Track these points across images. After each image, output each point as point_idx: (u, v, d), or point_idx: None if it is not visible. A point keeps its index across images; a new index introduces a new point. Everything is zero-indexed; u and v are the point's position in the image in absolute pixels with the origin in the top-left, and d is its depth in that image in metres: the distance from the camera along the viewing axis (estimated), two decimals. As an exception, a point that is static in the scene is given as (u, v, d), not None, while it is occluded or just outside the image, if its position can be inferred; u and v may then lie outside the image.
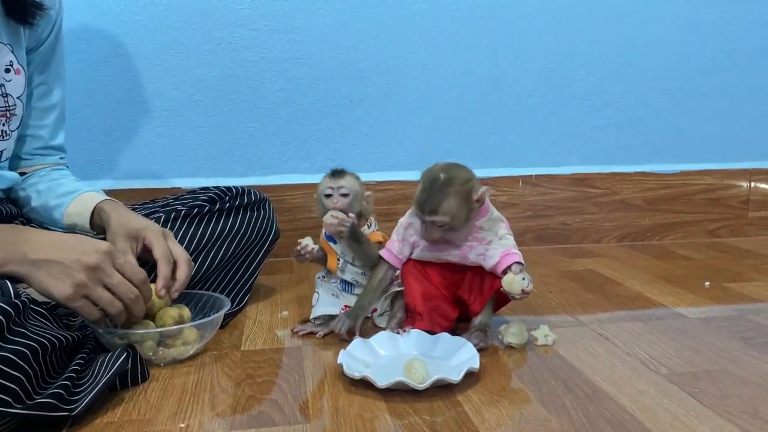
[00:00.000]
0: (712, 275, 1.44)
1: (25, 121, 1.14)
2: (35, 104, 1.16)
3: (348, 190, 1.07)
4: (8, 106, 1.07)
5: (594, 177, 1.79)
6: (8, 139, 1.09)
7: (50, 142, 1.19)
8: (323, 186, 1.08)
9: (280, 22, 1.59)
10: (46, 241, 0.86)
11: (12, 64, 1.06)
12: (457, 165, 0.97)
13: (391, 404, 0.82)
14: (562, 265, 1.56)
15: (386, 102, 1.67)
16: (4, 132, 1.07)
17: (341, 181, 1.07)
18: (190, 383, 0.90)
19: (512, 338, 1.01)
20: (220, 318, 1.01)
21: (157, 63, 1.55)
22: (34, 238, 0.86)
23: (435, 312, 1.03)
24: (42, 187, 1.14)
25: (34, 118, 1.16)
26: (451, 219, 0.95)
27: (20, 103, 1.09)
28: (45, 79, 1.16)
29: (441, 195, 0.93)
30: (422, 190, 0.95)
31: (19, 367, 0.72)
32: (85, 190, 1.11)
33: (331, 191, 1.07)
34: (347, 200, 1.07)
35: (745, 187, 1.86)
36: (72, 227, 1.09)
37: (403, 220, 1.06)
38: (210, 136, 1.61)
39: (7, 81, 1.06)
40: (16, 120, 1.09)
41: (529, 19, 1.69)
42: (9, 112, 1.07)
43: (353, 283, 1.12)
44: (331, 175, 1.09)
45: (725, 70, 1.81)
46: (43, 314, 0.83)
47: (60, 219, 1.09)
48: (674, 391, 0.84)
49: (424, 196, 0.94)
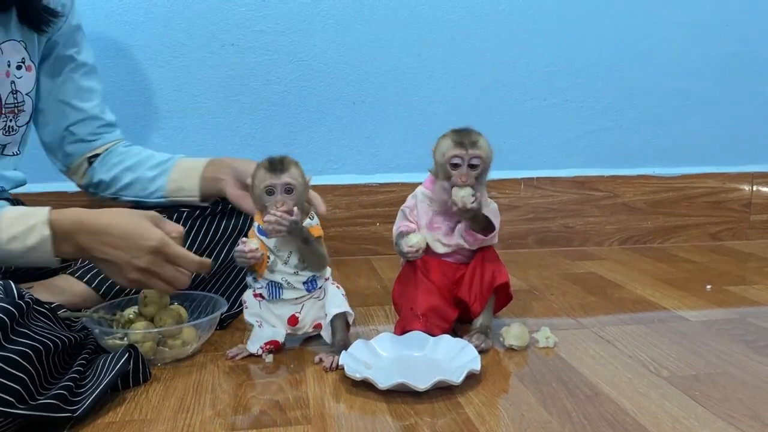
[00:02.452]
0: (714, 278, 1.44)
1: (75, 104, 1.18)
2: (80, 84, 1.18)
3: (293, 185, 0.93)
4: (17, 102, 1.08)
5: (596, 180, 1.79)
6: (14, 134, 1.10)
7: (105, 119, 1.23)
8: (261, 181, 0.93)
9: (283, 24, 1.59)
10: (98, 237, 0.90)
11: (24, 60, 1.07)
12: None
13: (393, 405, 0.82)
14: (563, 268, 1.56)
15: (388, 104, 1.67)
16: (11, 128, 1.08)
17: (285, 176, 0.93)
18: (192, 384, 0.90)
19: (513, 340, 1.01)
20: (216, 318, 1.01)
21: (160, 65, 1.56)
22: (88, 230, 0.90)
23: (434, 314, 1.02)
24: (130, 162, 1.20)
25: (83, 99, 1.19)
26: (486, 156, 0.99)
27: (29, 100, 1.10)
28: (81, 61, 1.18)
29: (475, 135, 1.00)
30: (456, 134, 1.00)
31: (23, 368, 0.72)
32: (178, 156, 1.21)
33: (272, 188, 0.93)
34: (293, 197, 0.93)
35: (747, 191, 1.86)
36: (178, 192, 1.16)
37: (407, 204, 1.08)
38: (213, 137, 1.61)
39: (18, 78, 1.07)
40: (24, 116, 1.10)
41: (530, 22, 1.69)
42: (17, 108, 1.08)
43: (282, 284, 0.97)
44: (271, 168, 0.93)
45: (727, 73, 1.81)
46: (45, 314, 0.83)
47: (164, 186, 1.17)
48: (675, 394, 0.85)
49: (460, 135, 0.99)
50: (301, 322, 1.00)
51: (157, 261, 0.91)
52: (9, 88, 1.05)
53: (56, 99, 1.17)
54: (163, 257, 0.91)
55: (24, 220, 0.88)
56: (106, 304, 1.02)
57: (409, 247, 1.00)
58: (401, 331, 1.01)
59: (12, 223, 0.88)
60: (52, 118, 1.18)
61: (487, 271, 1.03)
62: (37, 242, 0.88)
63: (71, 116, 1.18)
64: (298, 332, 1.01)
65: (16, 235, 0.87)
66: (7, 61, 1.04)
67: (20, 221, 0.88)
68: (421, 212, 1.06)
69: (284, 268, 0.97)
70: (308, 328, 1.01)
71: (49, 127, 1.19)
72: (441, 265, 1.05)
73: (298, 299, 0.99)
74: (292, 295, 0.99)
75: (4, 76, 1.04)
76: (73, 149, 1.21)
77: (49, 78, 1.16)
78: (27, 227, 0.88)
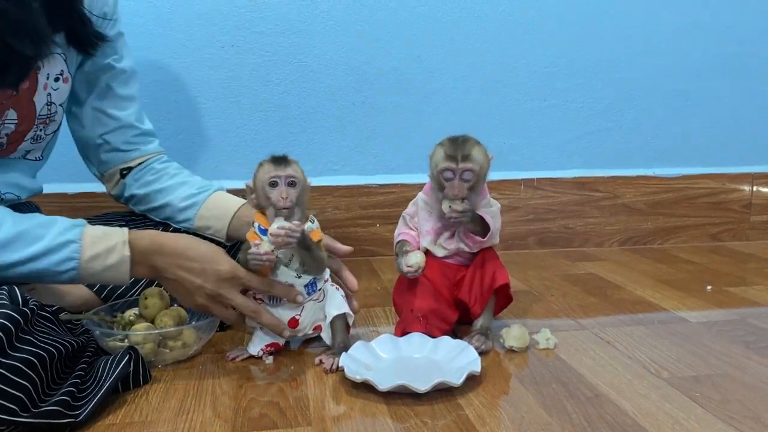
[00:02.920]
0: (714, 279, 1.44)
1: (112, 113, 1.16)
2: (118, 93, 1.16)
3: (296, 179, 0.94)
4: (50, 113, 1.06)
5: (596, 180, 1.79)
6: (41, 142, 1.09)
7: (142, 128, 1.20)
8: (265, 174, 0.93)
9: (283, 25, 1.59)
10: (173, 260, 0.92)
11: (62, 72, 1.06)
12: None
13: (393, 407, 0.82)
14: (563, 269, 1.56)
15: (388, 105, 1.67)
16: (39, 137, 1.07)
17: (288, 169, 0.94)
18: (192, 386, 0.90)
19: (514, 342, 1.01)
20: (217, 320, 1.01)
21: (160, 66, 1.56)
22: (166, 252, 0.92)
23: (434, 315, 1.03)
24: (163, 185, 1.18)
25: (120, 108, 1.17)
26: (479, 169, 0.99)
27: (61, 110, 1.09)
28: (120, 69, 1.16)
29: (469, 145, 0.99)
30: (449, 145, 1.00)
31: (26, 376, 0.72)
32: (213, 189, 1.17)
33: (276, 179, 0.93)
34: (295, 191, 0.94)
35: (747, 191, 1.86)
36: (204, 229, 1.13)
37: (408, 211, 1.09)
38: (213, 138, 1.61)
39: (54, 90, 1.05)
40: (53, 125, 1.09)
41: (530, 23, 1.70)
42: (49, 118, 1.07)
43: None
44: (275, 163, 0.94)
45: (727, 73, 1.81)
46: (49, 318, 0.84)
47: (192, 219, 1.14)
48: (675, 396, 0.85)
49: (454, 147, 0.99)
50: (301, 325, 0.99)
51: (227, 287, 0.93)
52: (45, 100, 1.03)
53: (92, 106, 1.15)
54: (236, 283, 0.94)
55: (106, 241, 0.89)
56: (106, 306, 1.03)
57: (408, 267, 1.00)
58: (401, 333, 1.02)
59: (94, 242, 0.88)
60: (88, 124, 1.16)
61: (487, 273, 1.03)
62: (116, 262, 0.89)
63: (107, 124, 1.16)
64: (298, 334, 1.01)
65: (98, 254, 0.88)
66: (47, 73, 1.03)
67: (102, 241, 0.89)
68: (422, 219, 1.06)
69: (287, 271, 0.96)
70: (308, 330, 1.01)
71: (84, 133, 1.17)
72: (442, 267, 1.05)
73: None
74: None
75: (42, 89, 1.03)
76: (107, 158, 1.19)
77: (85, 84, 1.13)
78: (108, 247, 0.89)
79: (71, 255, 0.87)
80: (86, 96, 1.14)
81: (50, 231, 0.87)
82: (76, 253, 0.87)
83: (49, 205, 1.27)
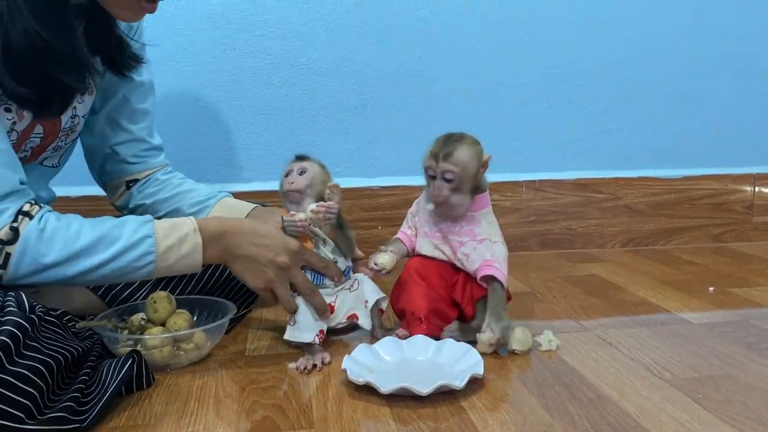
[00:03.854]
0: (717, 280, 1.44)
1: (125, 125, 1.16)
2: (134, 106, 1.17)
3: (307, 171, 1.02)
4: (73, 125, 1.06)
5: (598, 182, 1.79)
6: (60, 151, 1.09)
7: (152, 142, 1.21)
8: (285, 169, 1.04)
9: (285, 28, 1.60)
10: (245, 238, 0.95)
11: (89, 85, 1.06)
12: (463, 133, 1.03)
13: (396, 410, 0.82)
14: (566, 270, 1.56)
15: (389, 107, 1.67)
16: (59, 147, 1.07)
17: (302, 163, 1.03)
18: (195, 389, 0.90)
19: (516, 344, 1.01)
20: (226, 322, 1.02)
21: (162, 69, 1.56)
22: (236, 232, 0.95)
23: (434, 315, 1.04)
24: (167, 194, 1.19)
25: (134, 121, 1.18)
26: (462, 170, 0.97)
27: (82, 121, 1.09)
28: (137, 82, 1.16)
29: (455, 145, 0.98)
30: (436, 143, 1.00)
31: (33, 383, 0.73)
32: (222, 195, 1.19)
33: (289, 170, 1.02)
34: (304, 178, 1.01)
35: (750, 192, 1.86)
36: None
37: (412, 209, 1.10)
38: (215, 141, 1.62)
39: (80, 103, 1.05)
40: (74, 135, 1.10)
41: (531, 25, 1.70)
42: (71, 130, 1.07)
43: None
44: (293, 159, 1.04)
45: (728, 74, 1.81)
46: (54, 323, 0.84)
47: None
48: (678, 397, 0.85)
49: (438, 146, 0.99)
50: (336, 312, 1.03)
51: (295, 261, 0.97)
52: (70, 113, 1.04)
53: (106, 115, 1.15)
54: (300, 257, 0.98)
55: (177, 231, 0.92)
56: (113, 311, 1.03)
57: (374, 264, 1.03)
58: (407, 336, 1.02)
59: (167, 234, 0.91)
60: (98, 133, 1.16)
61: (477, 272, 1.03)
62: (189, 250, 0.92)
63: (118, 135, 1.16)
64: (331, 323, 1.04)
65: (172, 245, 0.91)
66: None
67: (174, 232, 0.91)
68: (422, 219, 1.07)
69: (324, 251, 1.02)
70: (342, 318, 1.04)
71: (94, 141, 1.17)
72: (439, 268, 1.06)
73: (334, 287, 1.04)
74: (330, 285, 1.03)
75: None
76: (113, 168, 1.19)
77: (103, 93, 1.14)
78: (180, 237, 0.91)
79: (149, 249, 0.89)
80: (102, 105, 1.15)
81: (125, 230, 0.90)
82: (152, 246, 0.90)
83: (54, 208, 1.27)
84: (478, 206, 1.03)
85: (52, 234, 0.86)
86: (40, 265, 0.86)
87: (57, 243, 0.86)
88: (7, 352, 0.71)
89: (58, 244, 0.86)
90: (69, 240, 0.87)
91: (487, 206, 1.05)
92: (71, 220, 0.89)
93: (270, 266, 0.96)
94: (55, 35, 0.86)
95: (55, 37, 0.86)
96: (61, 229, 0.87)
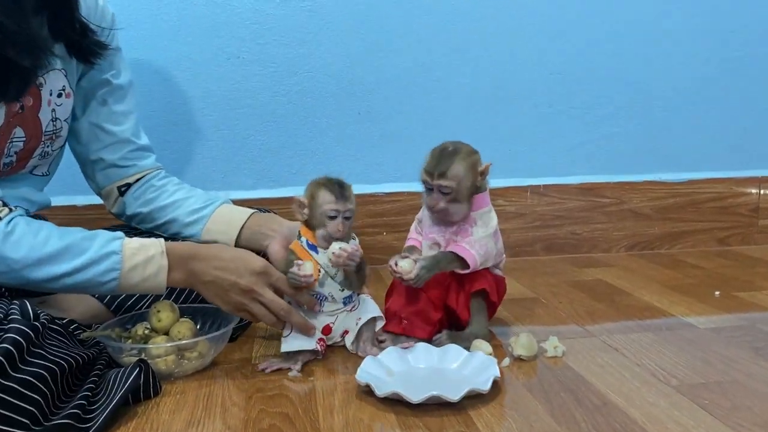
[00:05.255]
0: (723, 284, 1.43)
1: (108, 128, 1.16)
2: (113, 108, 1.17)
3: (353, 212, 1.00)
4: (56, 129, 1.08)
5: (602, 186, 1.79)
6: (48, 158, 1.10)
7: (139, 143, 1.20)
8: (325, 204, 0.98)
9: (288, 36, 1.60)
10: (210, 263, 0.95)
11: (65, 88, 1.07)
12: (461, 142, 1.04)
13: (401, 418, 0.82)
14: (571, 275, 1.56)
15: (393, 114, 1.68)
16: (46, 153, 1.09)
17: (348, 203, 0.99)
18: (202, 397, 0.90)
19: (522, 350, 1.01)
20: (229, 331, 1.02)
21: (166, 78, 1.57)
22: (203, 257, 0.95)
23: (416, 317, 1.05)
24: (165, 201, 1.19)
25: (116, 123, 1.17)
26: (458, 185, 0.99)
27: (66, 125, 1.10)
28: (115, 84, 1.17)
29: (450, 160, 0.99)
30: (431, 157, 1.01)
31: (38, 390, 0.73)
32: (219, 202, 1.18)
33: (335, 213, 0.98)
34: (350, 222, 1.00)
35: (755, 195, 1.86)
36: (212, 242, 1.12)
37: (418, 216, 1.12)
38: (219, 149, 1.62)
39: (58, 105, 1.07)
40: (60, 141, 1.11)
41: (534, 29, 1.70)
42: (55, 134, 1.08)
43: (327, 297, 1.02)
44: (336, 194, 0.98)
45: (732, 77, 1.81)
46: (60, 332, 0.84)
47: (198, 234, 1.15)
48: (685, 403, 0.84)
49: (433, 162, 1.00)
50: (333, 332, 1.05)
51: (261, 282, 0.95)
52: (50, 116, 1.05)
53: (89, 121, 1.15)
54: (267, 279, 0.96)
55: (144, 251, 0.92)
56: (117, 321, 1.03)
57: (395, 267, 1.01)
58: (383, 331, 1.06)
59: (133, 253, 0.92)
60: (84, 140, 1.16)
61: (468, 279, 1.05)
62: (154, 272, 0.92)
63: (103, 140, 1.16)
64: (328, 342, 1.05)
65: (137, 264, 0.91)
66: (50, 89, 1.05)
67: (141, 252, 0.92)
68: (425, 225, 1.08)
69: (332, 283, 1.02)
70: (338, 337, 1.06)
71: (81, 149, 1.18)
72: None
73: (333, 311, 1.04)
74: (332, 308, 1.04)
75: (46, 105, 1.04)
76: (105, 174, 1.19)
77: (83, 100, 1.14)
78: (146, 257, 0.92)
79: (113, 266, 0.90)
80: (82, 111, 1.15)
81: (94, 243, 0.91)
82: (118, 264, 0.90)
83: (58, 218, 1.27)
84: (476, 206, 1.04)
85: (19, 238, 0.87)
86: (4, 266, 0.87)
87: (23, 247, 0.87)
88: (10, 359, 0.72)
89: (24, 249, 0.87)
90: (36, 245, 0.88)
91: (485, 206, 1.06)
92: (41, 226, 0.90)
93: (233, 290, 0.95)
94: (4, 14, 0.86)
95: (4, 17, 0.86)
96: (29, 234, 0.88)
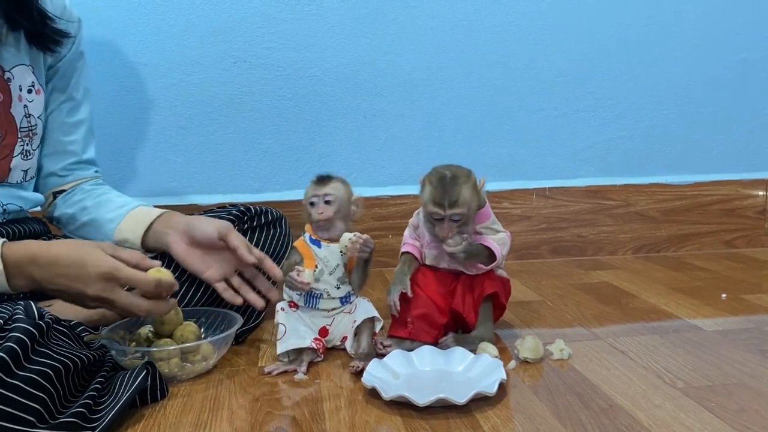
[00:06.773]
0: (729, 287, 1.43)
1: (56, 137, 1.17)
2: (65, 119, 1.18)
3: (333, 197, 1.02)
4: (31, 126, 1.10)
5: (608, 189, 1.78)
6: (31, 158, 1.12)
7: (83, 157, 1.21)
8: (308, 194, 1.04)
9: (294, 39, 1.61)
10: (50, 269, 0.88)
11: (33, 84, 1.10)
12: (450, 164, 1.03)
13: (407, 420, 0.82)
14: (577, 278, 1.55)
15: (399, 117, 1.68)
16: (27, 152, 1.10)
17: (326, 188, 1.02)
18: (209, 400, 0.91)
19: (528, 353, 1.01)
20: (233, 334, 1.02)
21: (173, 82, 1.58)
22: (42, 263, 0.88)
23: (421, 320, 1.05)
24: (90, 203, 1.17)
25: (65, 133, 1.18)
26: (468, 210, 0.99)
27: (40, 123, 1.12)
28: (71, 94, 1.18)
29: (456, 188, 0.98)
30: (434, 189, 0.99)
31: (43, 388, 0.74)
32: (135, 204, 1.14)
33: (315, 199, 1.02)
34: (332, 208, 1.02)
35: (762, 197, 1.85)
36: (122, 242, 1.09)
37: (412, 221, 1.12)
38: (226, 153, 1.63)
39: (30, 102, 1.09)
40: (37, 139, 1.12)
41: (539, 32, 1.70)
42: (31, 131, 1.10)
43: (322, 294, 1.04)
44: (316, 182, 1.04)
45: (738, 79, 1.80)
46: (65, 333, 0.85)
47: (111, 234, 1.11)
48: (691, 406, 0.84)
49: (440, 193, 0.99)
50: (330, 335, 1.05)
51: (109, 287, 0.88)
52: (23, 112, 1.07)
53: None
54: (115, 282, 0.88)
55: None
56: (121, 323, 1.03)
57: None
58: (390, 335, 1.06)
59: None
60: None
61: (477, 282, 1.06)
62: None
63: (50, 145, 1.17)
64: (328, 345, 1.06)
65: None
66: (19, 85, 1.07)
67: None
68: (423, 230, 1.09)
69: (329, 279, 1.03)
70: (336, 341, 1.06)
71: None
72: (438, 275, 1.09)
73: (330, 311, 1.05)
74: (328, 306, 1.05)
75: (18, 101, 1.06)
76: (45, 182, 1.19)
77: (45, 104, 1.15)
78: None
79: None
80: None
81: None
82: None
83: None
84: (478, 221, 1.06)
85: None
86: None
87: None
88: (15, 357, 0.72)
89: None
90: None
91: (487, 219, 1.07)
92: None
93: (84, 297, 0.89)
94: None
95: None
96: None
